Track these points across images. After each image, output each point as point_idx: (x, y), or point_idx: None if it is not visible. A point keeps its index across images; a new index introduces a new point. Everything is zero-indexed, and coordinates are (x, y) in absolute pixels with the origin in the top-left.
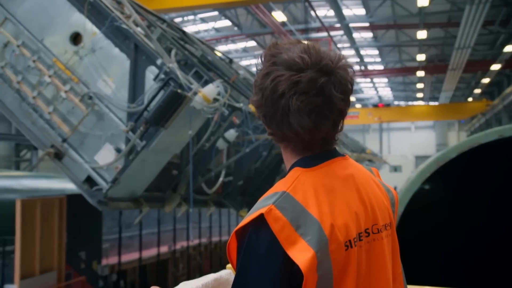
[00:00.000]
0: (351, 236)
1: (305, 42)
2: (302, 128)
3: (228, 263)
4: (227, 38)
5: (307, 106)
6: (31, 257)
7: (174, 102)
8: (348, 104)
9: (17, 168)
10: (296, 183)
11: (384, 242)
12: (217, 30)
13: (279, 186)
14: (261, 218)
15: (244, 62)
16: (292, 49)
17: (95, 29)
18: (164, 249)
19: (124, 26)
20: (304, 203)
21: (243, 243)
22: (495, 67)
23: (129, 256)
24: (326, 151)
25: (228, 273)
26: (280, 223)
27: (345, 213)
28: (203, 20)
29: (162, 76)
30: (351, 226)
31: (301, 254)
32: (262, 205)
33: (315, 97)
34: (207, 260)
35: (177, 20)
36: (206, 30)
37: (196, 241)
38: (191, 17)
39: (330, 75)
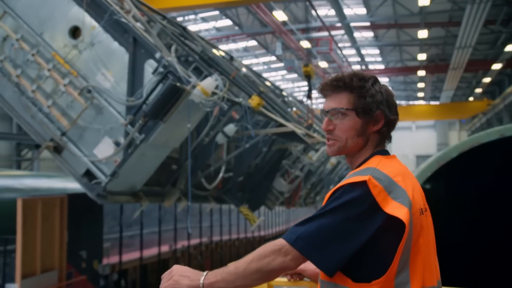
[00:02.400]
0: (420, 206)
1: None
2: (396, 119)
3: (229, 262)
4: (228, 37)
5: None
6: (32, 256)
7: (172, 95)
8: None
9: (18, 167)
10: (382, 164)
11: (430, 220)
12: (218, 29)
13: (369, 165)
14: (362, 183)
15: (245, 62)
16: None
17: (94, 23)
18: (165, 248)
19: (123, 19)
20: (391, 176)
21: (339, 198)
22: (496, 66)
23: (130, 256)
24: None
25: None
26: (378, 189)
27: (416, 189)
28: (204, 20)
29: (160, 69)
30: (420, 200)
31: (398, 210)
32: (360, 174)
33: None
34: (208, 259)
35: (178, 19)
36: (207, 30)
37: (197, 241)
38: (192, 17)
39: None
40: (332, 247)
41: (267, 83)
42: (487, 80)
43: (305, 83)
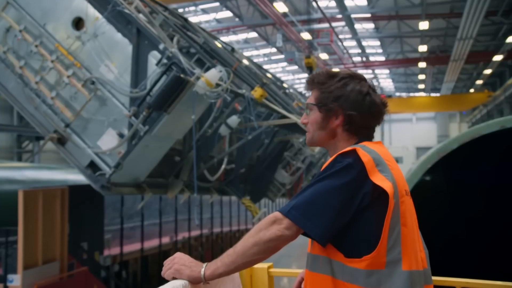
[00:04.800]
0: (405, 188)
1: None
2: (381, 115)
3: None
4: (228, 29)
5: (380, 100)
6: (33, 248)
7: (177, 86)
8: None
9: (19, 159)
10: (369, 145)
11: (413, 206)
12: (218, 21)
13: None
14: (352, 152)
15: (245, 53)
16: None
17: (97, 14)
18: (165, 240)
19: (126, 10)
20: (380, 154)
21: (330, 167)
22: (497, 58)
23: (131, 247)
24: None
25: None
26: (367, 158)
27: (400, 174)
28: (204, 11)
29: (164, 61)
30: (404, 184)
31: (383, 182)
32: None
33: (378, 96)
34: (209, 250)
35: (179, 11)
36: (207, 21)
37: (197, 232)
38: (192, 8)
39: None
40: (324, 215)
41: (268, 75)
42: (488, 71)
43: (306, 75)
